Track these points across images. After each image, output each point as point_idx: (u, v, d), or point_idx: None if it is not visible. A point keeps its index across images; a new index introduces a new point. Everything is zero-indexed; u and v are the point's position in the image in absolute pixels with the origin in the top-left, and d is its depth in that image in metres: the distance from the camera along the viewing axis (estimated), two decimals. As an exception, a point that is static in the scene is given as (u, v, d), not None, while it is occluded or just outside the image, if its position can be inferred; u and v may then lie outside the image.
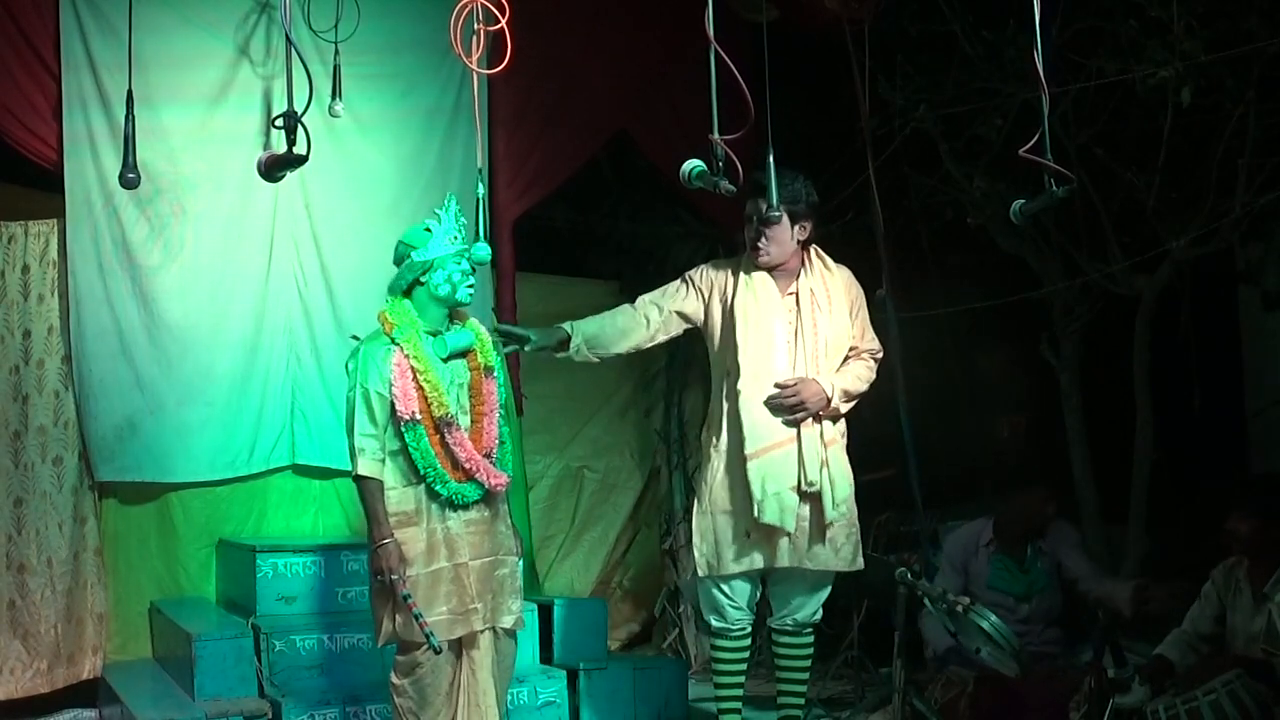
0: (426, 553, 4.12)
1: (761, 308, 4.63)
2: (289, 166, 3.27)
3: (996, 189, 5.91)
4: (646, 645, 6.87)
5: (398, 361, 4.10)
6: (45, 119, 5.49)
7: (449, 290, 4.19)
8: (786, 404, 4.54)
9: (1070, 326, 6.39)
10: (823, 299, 4.68)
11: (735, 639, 4.72)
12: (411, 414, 4.08)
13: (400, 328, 4.14)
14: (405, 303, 4.21)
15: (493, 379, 4.29)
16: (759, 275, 4.67)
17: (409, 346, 4.12)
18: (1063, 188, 3.35)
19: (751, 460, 4.53)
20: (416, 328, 4.16)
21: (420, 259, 4.19)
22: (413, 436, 4.09)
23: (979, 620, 3.97)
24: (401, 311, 4.19)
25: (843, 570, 4.69)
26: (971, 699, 4.86)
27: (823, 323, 4.65)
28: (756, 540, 4.57)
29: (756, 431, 4.54)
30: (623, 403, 6.65)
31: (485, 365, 4.28)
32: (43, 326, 5.52)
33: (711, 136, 3.32)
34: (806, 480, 4.54)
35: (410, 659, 4.15)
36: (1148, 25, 5.26)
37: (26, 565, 5.40)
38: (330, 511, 6.07)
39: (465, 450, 4.13)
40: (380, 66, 6.09)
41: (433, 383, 4.11)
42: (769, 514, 4.51)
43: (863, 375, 4.75)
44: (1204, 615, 4.62)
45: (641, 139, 6.72)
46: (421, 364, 4.11)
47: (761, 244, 4.62)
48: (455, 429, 4.14)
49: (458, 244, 4.23)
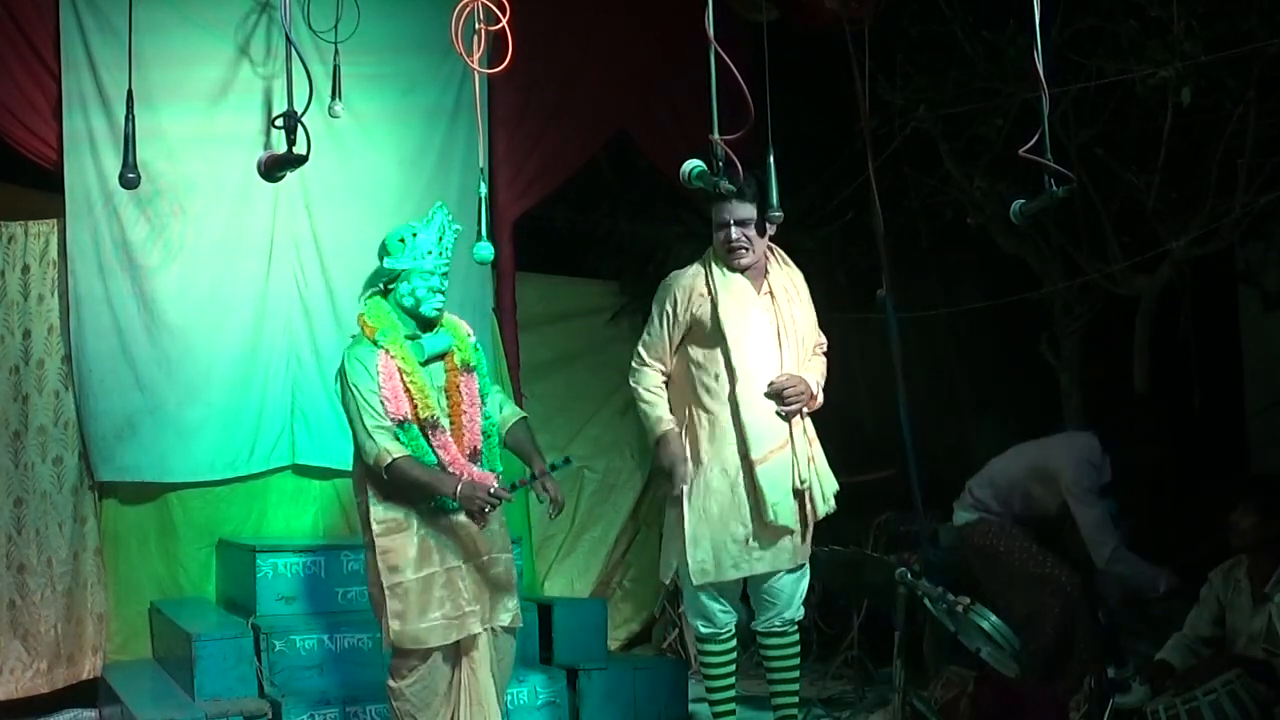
0: (418, 558, 4.09)
1: (745, 309, 4.57)
2: (289, 166, 3.27)
3: (996, 189, 5.91)
4: (646, 645, 6.86)
5: (384, 364, 4.08)
6: (45, 119, 5.50)
7: (412, 303, 4.18)
8: (786, 395, 4.51)
9: (1070, 326, 6.40)
10: (793, 293, 4.65)
11: (723, 642, 4.70)
12: (403, 415, 4.06)
13: (382, 330, 4.13)
14: (383, 304, 4.20)
15: (472, 376, 4.26)
16: (733, 277, 4.59)
17: (394, 348, 4.10)
18: (1063, 188, 3.34)
19: (760, 465, 4.49)
20: (397, 330, 4.15)
21: (389, 266, 4.19)
22: (406, 438, 4.07)
23: (979, 620, 3.96)
24: (381, 314, 4.17)
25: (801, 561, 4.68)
26: (971, 699, 4.86)
27: (799, 316, 4.63)
28: (760, 545, 4.53)
29: (760, 435, 4.50)
30: (623, 403, 6.63)
31: (464, 363, 4.26)
32: (43, 326, 5.52)
33: (711, 136, 3.31)
34: (800, 478, 4.54)
35: (406, 662, 4.13)
36: (1148, 25, 5.26)
37: (26, 565, 5.40)
38: (330, 511, 6.06)
39: (449, 453, 4.11)
40: (380, 66, 6.10)
41: (419, 384, 4.10)
42: (783, 516, 4.49)
43: (822, 370, 4.75)
44: (1202, 619, 4.62)
45: (641, 139, 6.73)
46: (407, 365, 4.10)
47: (743, 243, 4.55)
48: (440, 431, 4.12)
49: (432, 259, 4.19)
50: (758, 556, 4.55)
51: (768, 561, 4.56)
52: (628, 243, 7.03)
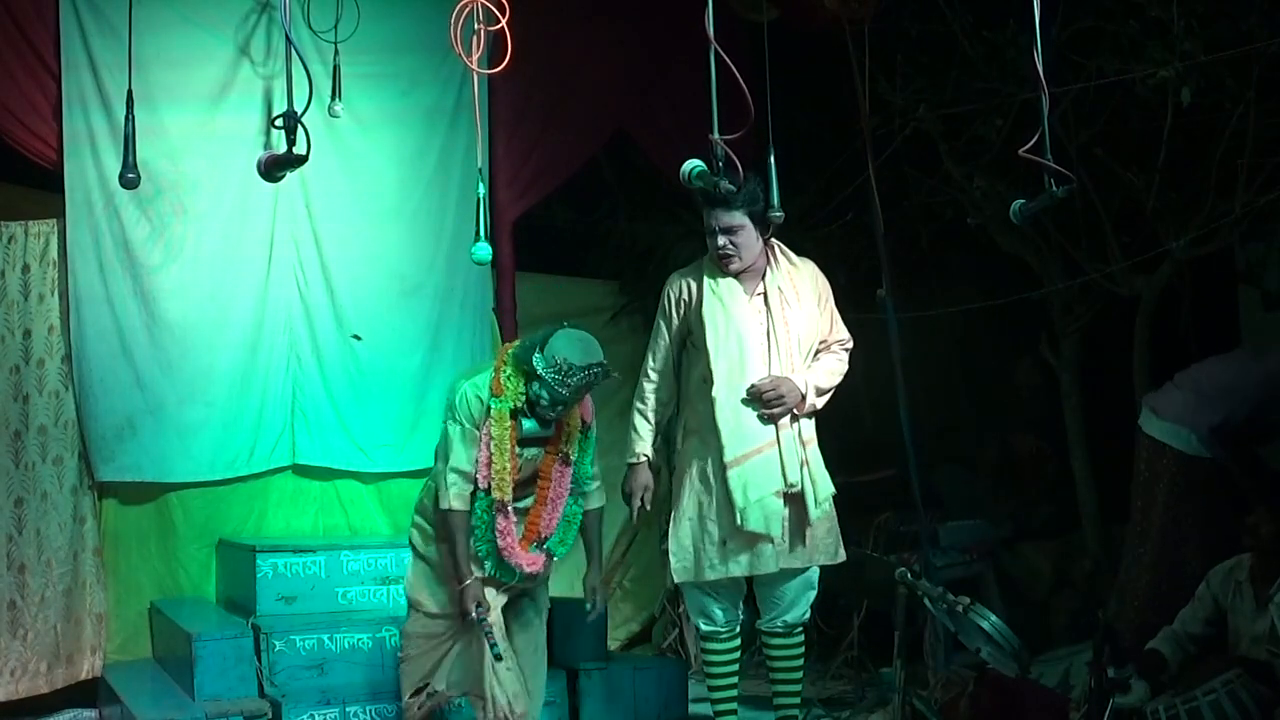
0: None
1: (730, 312, 4.56)
2: (289, 166, 3.27)
3: (996, 189, 5.91)
4: (646, 645, 6.86)
5: (486, 429, 4.16)
6: (45, 119, 5.50)
7: (535, 399, 4.16)
8: (766, 398, 4.49)
9: (1070, 326, 6.39)
10: (791, 295, 4.61)
11: (725, 640, 4.70)
12: (487, 484, 4.16)
13: (503, 402, 4.16)
14: (520, 382, 4.18)
15: (568, 468, 4.30)
16: (724, 280, 4.59)
17: (497, 427, 4.15)
18: (1063, 188, 3.34)
19: (732, 468, 4.48)
20: (514, 403, 4.16)
21: (535, 363, 4.10)
22: (481, 506, 4.19)
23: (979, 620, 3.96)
24: (517, 389, 4.17)
25: (826, 564, 4.67)
26: (972, 699, 4.86)
27: (793, 319, 4.59)
28: (735, 548, 4.53)
29: (735, 438, 4.49)
30: (623, 403, 6.61)
31: (563, 455, 4.29)
32: (43, 326, 5.52)
33: (711, 136, 3.31)
34: (788, 482, 4.50)
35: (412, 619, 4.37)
36: (1148, 25, 5.25)
37: (26, 565, 5.40)
38: (330, 512, 6.07)
39: (505, 540, 4.20)
40: (380, 66, 6.10)
41: (499, 467, 4.15)
42: (752, 521, 4.47)
43: (834, 369, 4.70)
44: (1195, 617, 4.61)
45: (641, 139, 6.72)
46: (498, 447, 4.15)
47: (730, 251, 4.53)
48: (506, 516, 4.19)
49: (564, 392, 4.09)
50: (735, 560, 4.54)
51: (745, 565, 4.55)
52: (628, 243, 7.03)
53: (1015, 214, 3.53)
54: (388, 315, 6.11)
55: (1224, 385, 5.07)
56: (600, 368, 4.11)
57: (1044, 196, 3.38)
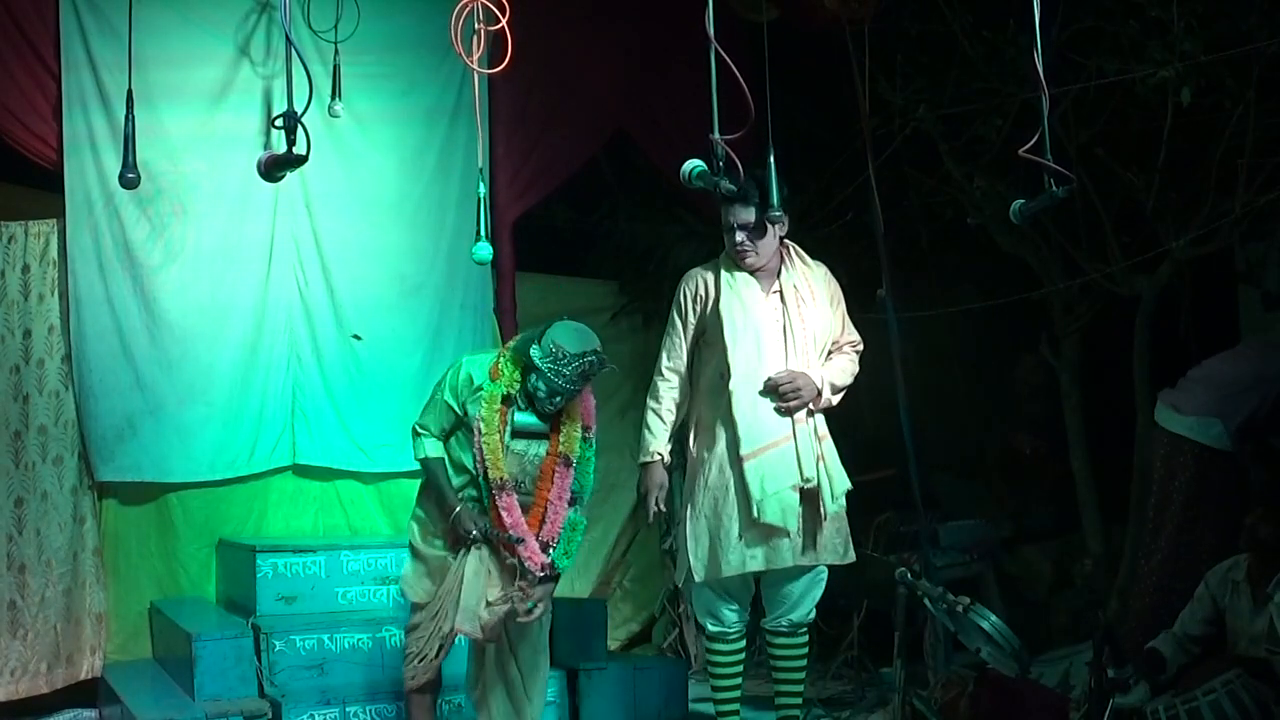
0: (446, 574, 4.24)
1: (748, 308, 4.60)
2: (289, 166, 3.28)
3: (996, 189, 5.91)
4: (646, 645, 6.86)
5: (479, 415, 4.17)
6: (45, 119, 5.50)
7: (532, 391, 4.17)
8: (782, 391, 4.51)
9: (1070, 326, 6.39)
10: (806, 293, 4.66)
11: (731, 641, 4.71)
12: (482, 468, 4.18)
13: (496, 386, 4.17)
14: (516, 372, 4.19)
15: (568, 471, 4.29)
16: (741, 276, 4.64)
17: (486, 408, 4.16)
18: (1063, 188, 3.35)
19: (749, 461, 4.51)
20: (510, 389, 4.17)
21: (534, 355, 4.12)
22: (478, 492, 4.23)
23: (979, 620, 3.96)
24: (512, 376, 4.19)
25: (835, 564, 4.68)
26: (972, 699, 4.86)
27: (809, 316, 4.64)
28: (753, 542, 4.54)
29: (751, 432, 4.52)
30: (623, 403, 6.63)
31: (563, 455, 4.28)
32: (43, 326, 5.52)
33: (711, 136, 3.32)
34: (804, 477, 4.53)
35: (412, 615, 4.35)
36: (1148, 25, 5.25)
37: (26, 565, 5.40)
38: (330, 512, 6.07)
39: (513, 516, 4.18)
40: (380, 66, 6.10)
41: (491, 446, 4.15)
42: (770, 514, 4.49)
43: (847, 369, 4.75)
44: (1195, 618, 4.61)
45: (641, 139, 6.72)
46: (485, 427, 4.15)
47: (748, 247, 4.58)
48: (507, 493, 4.19)
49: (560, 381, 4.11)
50: (751, 554, 4.55)
51: (762, 560, 4.56)
52: (628, 243, 7.03)
53: (1015, 214, 3.53)
54: (388, 315, 6.11)
55: (1243, 380, 5.08)
56: (596, 356, 4.12)
57: (1044, 196, 3.38)
